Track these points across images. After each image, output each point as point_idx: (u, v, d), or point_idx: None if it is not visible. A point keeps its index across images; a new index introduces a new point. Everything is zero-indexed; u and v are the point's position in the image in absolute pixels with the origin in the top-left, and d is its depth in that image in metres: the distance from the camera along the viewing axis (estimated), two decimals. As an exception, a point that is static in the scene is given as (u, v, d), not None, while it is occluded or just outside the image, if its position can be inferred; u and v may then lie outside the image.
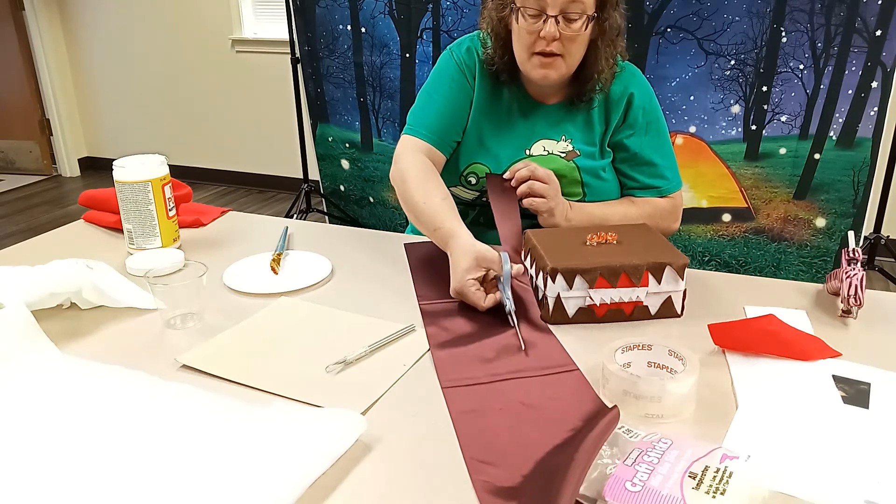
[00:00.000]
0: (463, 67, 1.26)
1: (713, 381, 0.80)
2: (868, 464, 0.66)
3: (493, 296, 0.96)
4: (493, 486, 0.63)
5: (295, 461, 0.64)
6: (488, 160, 1.25)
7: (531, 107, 1.27)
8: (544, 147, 1.25)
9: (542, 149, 1.25)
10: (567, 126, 1.26)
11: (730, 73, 2.31)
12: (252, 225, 1.37)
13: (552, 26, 1.11)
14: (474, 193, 1.28)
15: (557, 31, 1.11)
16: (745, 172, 2.38)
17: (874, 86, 2.16)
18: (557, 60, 1.15)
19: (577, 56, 1.17)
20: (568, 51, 1.14)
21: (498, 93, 1.27)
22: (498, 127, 1.27)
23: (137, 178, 1.15)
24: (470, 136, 1.27)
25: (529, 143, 1.26)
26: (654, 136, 1.27)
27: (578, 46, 1.15)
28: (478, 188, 1.27)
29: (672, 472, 0.60)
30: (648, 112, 1.27)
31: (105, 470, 0.66)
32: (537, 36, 1.13)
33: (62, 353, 0.87)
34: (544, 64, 1.15)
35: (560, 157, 1.24)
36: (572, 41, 1.13)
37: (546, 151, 1.25)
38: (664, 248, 0.97)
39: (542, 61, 1.15)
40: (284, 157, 4.03)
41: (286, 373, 0.83)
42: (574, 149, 1.25)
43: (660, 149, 1.28)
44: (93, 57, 4.45)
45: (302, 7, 2.87)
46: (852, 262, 0.97)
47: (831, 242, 2.36)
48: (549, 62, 1.15)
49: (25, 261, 1.07)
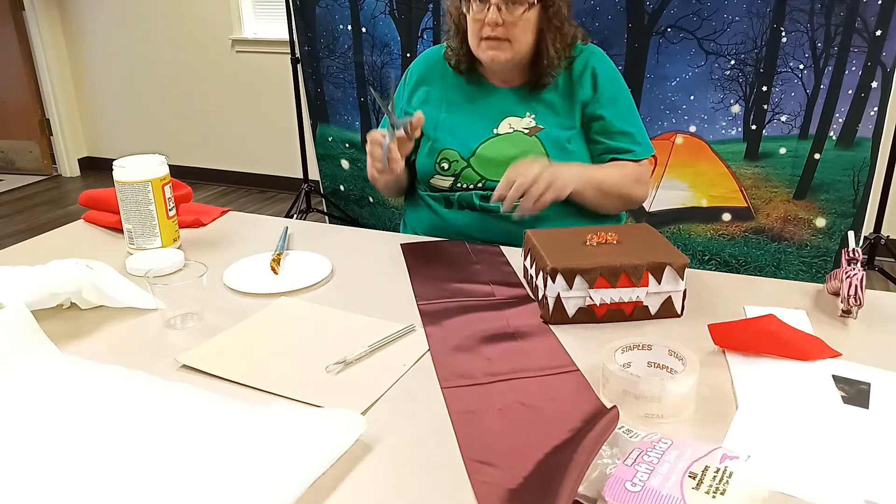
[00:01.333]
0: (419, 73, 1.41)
1: (713, 381, 0.80)
2: (868, 464, 0.66)
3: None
4: (492, 486, 0.63)
5: (295, 461, 0.64)
6: (457, 144, 1.34)
7: (495, 91, 1.36)
8: (510, 124, 1.33)
9: (507, 126, 1.33)
10: (531, 103, 1.33)
11: (730, 72, 2.31)
12: (252, 225, 1.37)
13: (493, 12, 1.22)
14: (449, 179, 1.35)
15: (499, 17, 1.22)
16: (745, 172, 2.38)
17: (874, 86, 2.16)
18: (503, 44, 1.25)
19: (523, 40, 1.26)
20: (513, 35, 1.24)
21: (463, 86, 1.38)
22: (465, 113, 1.36)
23: (137, 178, 1.15)
24: (441, 128, 1.36)
25: (497, 122, 1.33)
26: (624, 107, 1.34)
27: (523, 31, 1.25)
28: (450, 173, 1.35)
29: (672, 472, 0.60)
30: (615, 84, 1.34)
31: (105, 470, 0.66)
32: (483, 22, 1.24)
33: (62, 353, 0.87)
34: (491, 47, 1.26)
35: (523, 133, 1.31)
36: (515, 26, 1.24)
37: (511, 128, 1.32)
38: (664, 248, 0.97)
39: (489, 44, 1.26)
40: (284, 157, 4.03)
41: (286, 373, 0.83)
42: (537, 124, 1.31)
43: (631, 118, 1.34)
44: (93, 57, 4.45)
45: (302, 7, 2.87)
46: (852, 262, 0.97)
47: (831, 242, 2.36)
48: (496, 45, 1.25)
49: (25, 261, 1.07)
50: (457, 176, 1.34)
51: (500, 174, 1.27)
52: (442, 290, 1.03)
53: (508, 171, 1.16)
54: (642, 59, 2.38)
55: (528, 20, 1.25)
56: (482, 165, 1.32)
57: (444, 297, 1.01)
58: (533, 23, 1.26)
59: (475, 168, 1.32)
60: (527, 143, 1.31)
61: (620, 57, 2.42)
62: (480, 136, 1.33)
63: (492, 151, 1.32)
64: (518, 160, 1.21)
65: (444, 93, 1.39)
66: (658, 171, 2.48)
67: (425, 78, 1.41)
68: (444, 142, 1.35)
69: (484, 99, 1.36)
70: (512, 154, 1.29)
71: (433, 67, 1.41)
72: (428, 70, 1.42)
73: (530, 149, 1.30)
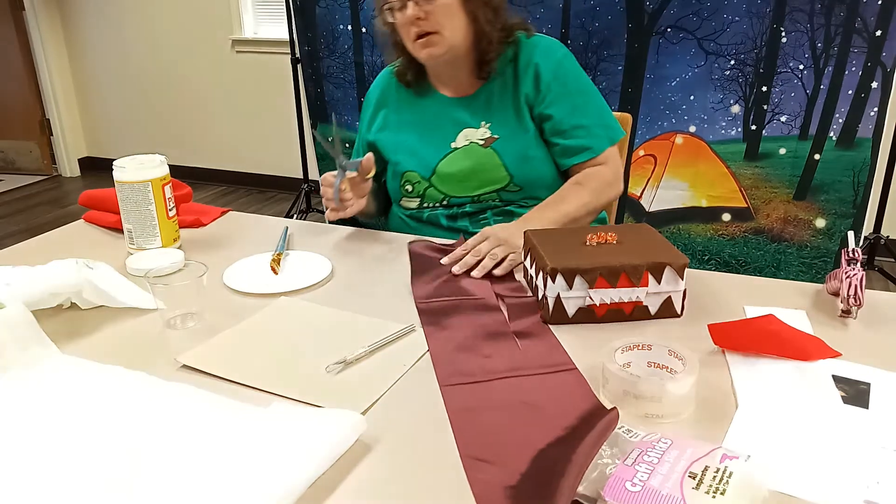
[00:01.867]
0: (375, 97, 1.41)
1: (713, 381, 0.80)
2: (868, 464, 0.66)
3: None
4: (490, 484, 0.63)
5: (295, 461, 0.64)
6: (416, 165, 1.33)
7: (448, 104, 1.33)
8: (466, 136, 1.30)
9: (464, 139, 1.30)
10: (484, 112, 1.30)
11: (730, 72, 2.31)
12: (252, 225, 1.37)
13: (412, 8, 1.19)
14: (416, 199, 1.34)
15: (420, 10, 1.19)
16: (744, 172, 2.39)
17: (874, 86, 2.16)
18: (434, 37, 1.21)
19: (451, 27, 1.21)
20: (440, 24, 1.20)
21: (417, 103, 1.36)
22: (421, 131, 1.34)
23: (137, 179, 1.15)
24: (400, 150, 1.35)
25: (454, 135, 1.31)
26: (574, 97, 1.27)
27: (447, 16, 1.20)
28: (415, 194, 1.34)
29: (672, 472, 0.60)
30: (560, 76, 1.27)
31: (105, 470, 0.66)
32: (409, 24, 1.21)
33: (62, 353, 0.87)
34: (423, 45, 1.22)
35: (478, 145, 1.28)
36: (437, 14, 1.19)
37: (467, 140, 1.30)
38: (664, 248, 0.97)
39: (420, 43, 1.22)
40: (284, 157, 4.03)
41: (286, 373, 0.83)
42: (492, 134, 1.28)
43: (583, 108, 1.28)
44: (93, 57, 4.45)
45: (302, 7, 2.87)
46: (852, 263, 0.97)
47: (831, 243, 2.36)
48: (427, 41, 1.21)
49: (25, 261, 1.07)
50: (421, 196, 1.33)
51: (461, 189, 1.29)
52: (441, 288, 1.03)
53: (472, 240, 1.10)
54: (642, 59, 2.39)
55: (451, 4, 1.20)
56: (443, 183, 1.31)
57: (442, 294, 1.01)
58: (457, 5, 1.21)
59: (437, 186, 1.31)
60: (482, 155, 1.28)
61: (620, 57, 2.42)
62: (438, 153, 1.31)
63: (450, 167, 1.30)
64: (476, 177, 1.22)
65: (399, 114, 1.37)
66: (658, 171, 2.48)
67: (382, 101, 1.40)
68: (405, 164, 1.34)
69: (438, 113, 1.33)
70: (468, 167, 1.28)
71: (387, 90, 1.39)
72: (383, 93, 1.40)
73: (486, 160, 1.27)
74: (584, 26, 2.42)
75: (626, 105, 2.46)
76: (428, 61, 1.27)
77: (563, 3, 2.42)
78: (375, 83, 1.43)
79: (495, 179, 1.28)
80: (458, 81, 1.32)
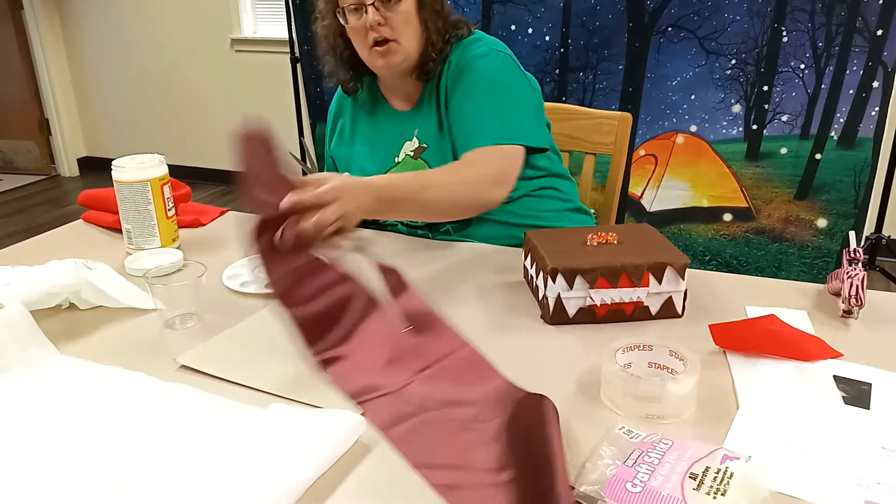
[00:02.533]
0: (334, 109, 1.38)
1: (714, 382, 0.79)
2: (868, 464, 0.65)
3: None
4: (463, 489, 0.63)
5: (295, 462, 0.64)
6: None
7: (394, 116, 1.30)
8: (405, 150, 1.27)
9: (403, 153, 1.27)
10: (417, 122, 1.27)
11: (730, 72, 2.31)
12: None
13: (373, 13, 1.14)
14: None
15: (379, 16, 1.14)
16: (745, 172, 2.38)
17: (875, 86, 2.16)
18: (392, 45, 1.17)
19: (410, 35, 1.18)
20: (400, 32, 1.16)
21: (369, 115, 1.33)
22: (371, 145, 1.32)
23: (136, 178, 1.15)
24: (352, 165, 1.33)
25: (398, 150, 1.28)
26: (473, 88, 1.19)
27: (407, 26, 1.17)
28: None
29: (673, 473, 0.60)
30: (467, 69, 1.20)
31: (104, 471, 0.66)
32: (366, 28, 1.15)
33: (61, 354, 0.87)
34: (382, 53, 1.17)
35: (410, 157, 1.26)
36: (398, 21, 1.16)
37: (404, 154, 1.27)
38: (665, 248, 0.97)
39: (378, 51, 1.17)
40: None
41: (286, 373, 0.82)
42: (421, 143, 1.25)
43: (480, 99, 1.18)
44: (92, 56, 4.45)
45: (302, 6, 2.87)
46: (853, 263, 0.96)
47: (832, 243, 2.36)
48: (385, 49, 1.17)
49: (25, 261, 1.07)
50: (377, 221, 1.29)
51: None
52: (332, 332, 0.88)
53: (292, 195, 0.90)
54: (643, 58, 2.38)
55: (408, 11, 1.17)
56: None
57: (336, 341, 0.87)
58: (413, 12, 1.17)
59: None
60: (413, 167, 1.25)
61: (621, 56, 2.42)
62: (381, 167, 1.29)
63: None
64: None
65: (354, 124, 1.35)
66: (659, 170, 2.48)
67: (339, 110, 1.39)
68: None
69: (385, 127, 1.31)
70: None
71: (344, 100, 1.37)
72: (340, 102, 1.38)
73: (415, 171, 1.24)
74: (585, 25, 2.42)
75: (627, 104, 2.46)
76: (384, 70, 1.22)
77: (564, 3, 2.42)
78: (336, 94, 1.40)
79: None
80: (405, 91, 1.28)
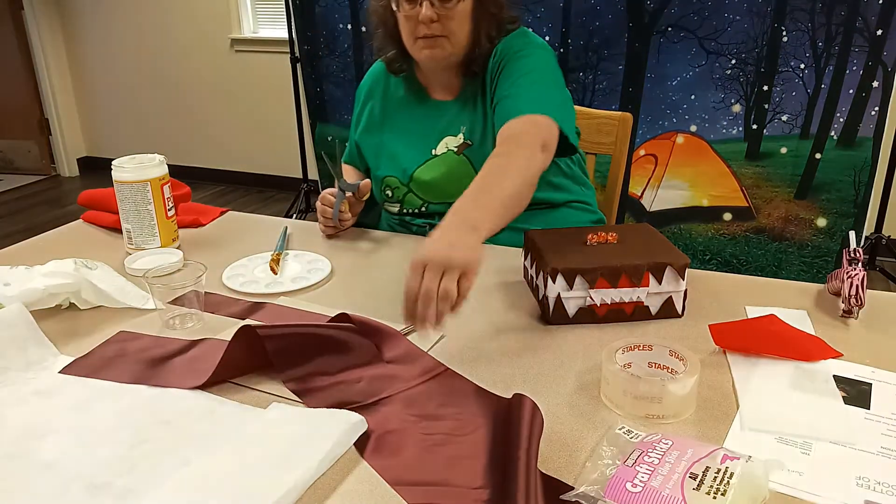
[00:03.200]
0: (365, 91, 1.35)
1: (714, 382, 0.79)
2: (868, 464, 0.65)
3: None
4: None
5: (295, 462, 0.64)
6: (395, 170, 1.29)
7: (433, 107, 1.28)
8: (446, 144, 1.25)
9: (444, 146, 1.26)
10: (464, 117, 1.25)
11: (731, 72, 2.31)
12: (251, 225, 1.36)
13: (427, 9, 1.12)
14: (396, 205, 1.32)
15: (434, 12, 1.12)
16: (745, 171, 2.38)
17: (875, 85, 2.16)
18: (440, 40, 1.16)
19: (460, 34, 1.16)
20: (450, 30, 1.15)
21: (404, 103, 1.30)
22: (404, 134, 1.30)
23: (136, 178, 1.15)
24: (382, 153, 1.31)
25: (435, 142, 1.26)
26: (520, 74, 1.16)
27: (459, 24, 1.15)
28: (394, 199, 1.31)
29: (673, 473, 0.60)
30: (513, 57, 1.18)
31: (104, 470, 0.66)
32: (417, 21, 1.14)
33: (61, 354, 0.87)
34: (427, 45, 1.16)
35: (453, 153, 1.24)
36: (451, 19, 1.14)
37: (446, 149, 1.25)
38: (665, 248, 0.97)
39: (425, 43, 1.16)
40: (284, 157, 4.03)
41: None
42: (466, 140, 1.24)
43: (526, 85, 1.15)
44: (92, 56, 4.45)
45: (302, 6, 2.87)
46: (853, 262, 0.96)
47: (832, 242, 2.36)
48: (432, 43, 1.16)
49: (25, 261, 1.07)
50: (401, 202, 1.31)
51: (437, 196, 1.26)
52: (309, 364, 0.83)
53: (411, 281, 0.82)
54: (643, 58, 2.38)
55: (464, 11, 1.15)
56: (421, 189, 1.27)
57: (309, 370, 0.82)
58: (468, 13, 1.16)
59: (416, 192, 1.28)
60: (455, 163, 1.24)
61: (621, 56, 2.42)
62: (417, 159, 1.27)
63: (426, 174, 1.26)
64: (449, 185, 1.18)
65: (385, 112, 1.32)
66: (659, 170, 2.47)
67: (370, 94, 1.35)
68: (384, 169, 1.31)
69: (423, 117, 1.29)
70: (441, 175, 1.24)
71: (376, 83, 1.35)
72: (372, 86, 1.35)
73: (458, 168, 1.23)
74: (585, 25, 2.42)
75: (627, 104, 2.46)
76: (426, 62, 1.22)
77: (564, 3, 2.42)
78: (367, 75, 1.38)
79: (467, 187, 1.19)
80: (446, 81, 1.27)
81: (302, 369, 0.80)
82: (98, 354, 0.87)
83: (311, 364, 0.81)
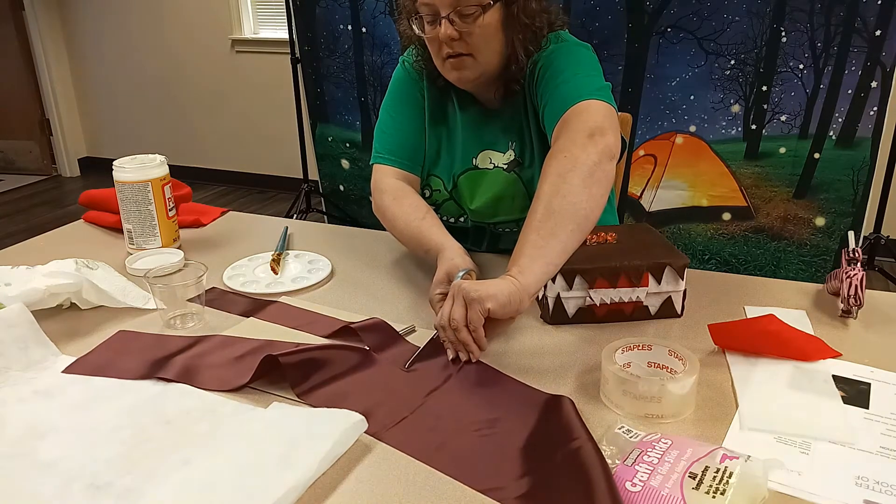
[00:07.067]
0: (414, 77, 1.20)
1: (713, 382, 0.80)
2: (868, 464, 0.66)
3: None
4: (520, 496, 0.62)
5: (295, 461, 0.64)
6: (441, 171, 1.19)
7: (477, 113, 1.18)
8: (490, 158, 1.16)
9: (488, 160, 1.16)
10: (512, 133, 1.15)
11: (730, 72, 2.31)
12: (252, 225, 1.37)
13: (447, 27, 1.02)
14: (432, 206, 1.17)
15: (454, 30, 1.02)
16: (745, 171, 2.38)
17: (874, 85, 2.16)
18: (467, 60, 1.06)
19: (487, 51, 1.05)
20: (476, 47, 1.04)
21: (446, 97, 1.20)
22: (448, 134, 1.20)
23: (137, 179, 1.15)
24: (441, 146, 1.20)
25: (476, 152, 1.17)
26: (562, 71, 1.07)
27: (485, 40, 1.04)
28: (432, 202, 1.20)
29: (672, 473, 0.60)
30: (549, 58, 1.08)
31: (104, 471, 0.66)
32: (440, 41, 1.04)
33: (62, 354, 0.87)
34: (455, 66, 1.07)
35: (502, 170, 1.15)
36: (474, 35, 1.03)
37: (492, 164, 1.16)
38: (664, 248, 0.97)
39: (452, 63, 1.07)
40: (284, 157, 4.03)
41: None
42: (517, 157, 1.14)
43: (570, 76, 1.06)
44: (92, 57, 4.45)
45: (302, 7, 2.87)
46: (852, 262, 0.97)
47: (831, 242, 2.36)
48: (459, 63, 1.06)
49: (26, 261, 1.07)
50: (438, 206, 1.20)
51: (485, 217, 1.17)
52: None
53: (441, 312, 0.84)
54: (642, 58, 2.38)
55: (489, 25, 1.03)
56: (466, 202, 1.18)
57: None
58: (495, 27, 1.05)
59: (457, 201, 1.19)
60: (505, 182, 1.14)
61: (620, 57, 2.42)
62: (460, 164, 1.18)
63: (476, 191, 1.17)
64: (500, 206, 1.11)
65: (430, 102, 1.20)
66: (658, 171, 2.47)
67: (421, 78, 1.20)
68: (431, 166, 1.20)
69: (466, 122, 1.18)
70: (493, 196, 1.15)
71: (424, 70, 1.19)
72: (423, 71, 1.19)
73: (508, 187, 1.14)
74: (585, 26, 2.42)
75: (626, 105, 2.46)
76: (457, 84, 1.12)
77: (564, 3, 2.42)
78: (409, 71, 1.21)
79: (520, 208, 1.13)
80: (485, 97, 1.17)
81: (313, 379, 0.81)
82: (99, 354, 0.87)
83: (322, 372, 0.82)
